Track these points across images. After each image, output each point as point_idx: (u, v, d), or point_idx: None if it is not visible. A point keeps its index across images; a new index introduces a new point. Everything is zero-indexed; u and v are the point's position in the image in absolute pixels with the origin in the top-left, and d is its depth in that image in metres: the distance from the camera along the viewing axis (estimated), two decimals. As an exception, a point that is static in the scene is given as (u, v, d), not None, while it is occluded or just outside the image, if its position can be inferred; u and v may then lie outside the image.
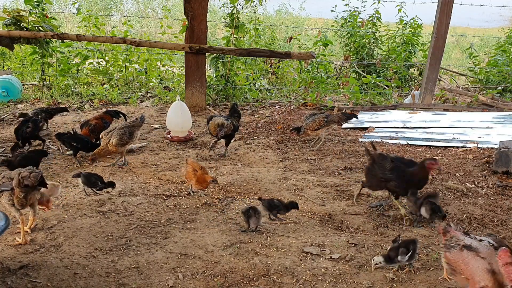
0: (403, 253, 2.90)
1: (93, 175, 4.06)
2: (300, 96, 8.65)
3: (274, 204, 3.61)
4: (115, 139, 4.73)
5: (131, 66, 9.24)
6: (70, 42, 8.52)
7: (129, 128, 4.90)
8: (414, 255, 2.93)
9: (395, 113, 7.39)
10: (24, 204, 3.18)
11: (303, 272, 2.95)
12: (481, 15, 14.19)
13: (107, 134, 4.83)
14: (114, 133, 4.79)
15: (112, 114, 5.85)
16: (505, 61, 9.69)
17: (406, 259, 2.90)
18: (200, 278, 2.88)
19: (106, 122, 5.63)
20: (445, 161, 5.14)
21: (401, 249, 2.92)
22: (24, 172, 3.09)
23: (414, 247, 2.93)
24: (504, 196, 4.24)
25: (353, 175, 4.72)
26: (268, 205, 3.61)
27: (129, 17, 13.26)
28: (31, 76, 9.69)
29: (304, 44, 10.97)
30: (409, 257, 2.91)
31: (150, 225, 3.57)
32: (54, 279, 2.81)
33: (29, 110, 7.22)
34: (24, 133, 5.12)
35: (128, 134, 4.84)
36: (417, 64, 10.46)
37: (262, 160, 5.20)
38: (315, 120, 5.54)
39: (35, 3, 7.90)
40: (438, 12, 7.54)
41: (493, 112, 7.32)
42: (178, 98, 5.97)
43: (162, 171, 4.79)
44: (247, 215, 3.45)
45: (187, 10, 6.98)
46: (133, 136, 4.91)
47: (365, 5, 10.33)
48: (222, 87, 8.34)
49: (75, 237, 3.34)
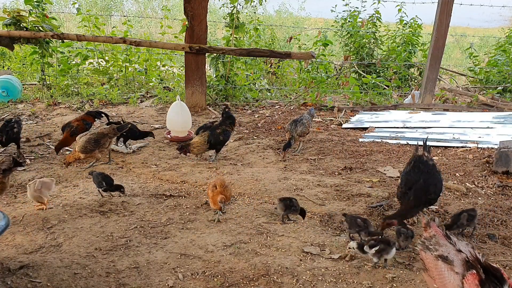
0: (371, 245, 2.93)
1: (100, 174, 4.05)
2: (300, 96, 8.65)
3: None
4: (78, 146, 4.57)
5: (131, 66, 9.24)
6: (70, 42, 8.52)
7: (97, 135, 4.70)
8: (386, 252, 2.94)
9: (395, 113, 7.40)
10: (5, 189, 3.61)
11: (303, 272, 2.95)
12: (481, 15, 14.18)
13: (79, 139, 4.68)
14: (81, 140, 4.62)
15: (93, 115, 5.67)
16: (505, 61, 9.69)
17: (373, 252, 2.92)
18: (200, 278, 2.88)
19: (87, 123, 5.45)
20: (445, 161, 5.14)
21: (370, 242, 2.95)
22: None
23: (386, 246, 2.93)
24: (504, 196, 4.24)
25: (353, 175, 4.72)
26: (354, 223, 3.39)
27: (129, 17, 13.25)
28: (31, 76, 9.69)
29: (304, 44, 10.97)
30: (378, 252, 2.92)
31: (150, 225, 3.57)
32: (54, 279, 2.81)
33: (30, 110, 7.23)
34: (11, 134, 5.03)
35: (93, 142, 4.64)
36: (417, 64, 10.46)
37: (262, 160, 5.20)
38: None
39: (35, 3, 7.90)
40: (438, 12, 7.54)
41: (493, 112, 7.32)
42: (178, 98, 5.97)
43: (162, 171, 4.79)
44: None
45: (187, 10, 6.98)
46: (100, 144, 4.68)
47: (365, 5, 10.34)
48: (222, 87, 8.34)
49: (75, 237, 3.34)
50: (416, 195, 3.37)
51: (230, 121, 5.22)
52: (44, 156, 5.23)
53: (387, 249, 2.93)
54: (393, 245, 2.96)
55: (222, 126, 5.09)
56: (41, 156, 5.23)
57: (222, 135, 5.03)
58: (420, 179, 3.41)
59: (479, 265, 2.17)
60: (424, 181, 3.40)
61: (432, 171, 3.48)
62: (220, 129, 5.05)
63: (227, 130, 5.11)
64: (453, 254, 2.31)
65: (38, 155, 5.23)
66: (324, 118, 7.24)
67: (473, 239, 3.39)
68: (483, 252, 3.20)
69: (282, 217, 3.65)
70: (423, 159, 3.54)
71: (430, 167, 3.49)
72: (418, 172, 3.48)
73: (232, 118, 5.28)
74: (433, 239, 2.44)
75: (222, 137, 5.02)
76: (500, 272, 2.13)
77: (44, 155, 5.26)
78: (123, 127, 4.94)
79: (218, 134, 4.98)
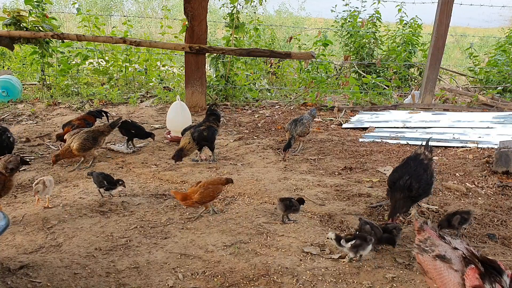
0: (347, 240, 2.98)
1: (101, 174, 4.05)
2: (300, 96, 8.65)
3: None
4: (76, 144, 4.54)
5: (131, 66, 9.25)
6: (70, 42, 8.53)
7: (93, 132, 4.68)
8: (362, 248, 2.97)
9: (395, 113, 7.40)
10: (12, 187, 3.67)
11: (303, 272, 2.95)
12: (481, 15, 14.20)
13: (71, 136, 4.64)
14: (77, 137, 4.58)
15: (95, 115, 5.73)
16: (505, 61, 9.70)
17: (349, 246, 2.96)
18: (200, 278, 2.88)
19: (88, 123, 5.53)
20: (445, 161, 5.15)
21: (347, 236, 2.99)
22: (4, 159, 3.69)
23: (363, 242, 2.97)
24: (504, 196, 4.24)
25: (353, 175, 4.72)
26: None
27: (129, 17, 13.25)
28: (31, 76, 9.69)
29: (304, 44, 10.98)
30: (354, 247, 2.96)
31: (150, 225, 3.57)
32: (54, 279, 2.81)
33: (30, 110, 7.23)
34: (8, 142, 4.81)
35: (92, 139, 4.63)
36: (417, 64, 10.47)
37: (262, 160, 5.20)
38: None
39: (35, 3, 7.91)
40: (438, 12, 7.54)
41: (493, 112, 7.32)
42: (178, 98, 5.97)
43: (162, 171, 4.79)
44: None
45: (187, 10, 6.99)
46: (97, 142, 4.69)
47: (365, 5, 10.35)
48: (222, 87, 8.34)
49: (75, 237, 3.34)
50: (398, 191, 3.41)
51: (213, 117, 5.19)
52: (44, 156, 5.22)
53: (363, 245, 2.97)
54: (369, 242, 2.99)
55: (206, 123, 5.09)
56: (41, 156, 5.23)
57: (206, 131, 4.98)
58: (404, 175, 3.43)
59: (476, 259, 2.19)
60: (408, 178, 3.41)
61: (418, 169, 3.47)
62: (204, 125, 5.04)
63: (211, 126, 5.09)
64: (450, 253, 2.32)
65: (38, 155, 5.23)
66: (324, 118, 7.25)
67: (473, 239, 3.40)
68: (483, 252, 3.20)
69: (282, 217, 3.65)
70: (418, 157, 3.55)
71: (420, 165, 3.49)
72: (405, 169, 3.50)
73: (215, 115, 5.22)
74: (428, 241, 2.45)
75: (206, 132, 4.96)
76: (497, 264, 2.16)
77: (44, 155, 5.26)
78: (115, 123, 5.03)
79: (201, 130, 4.95)
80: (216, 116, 5.23)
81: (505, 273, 2.13)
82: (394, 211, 3.41)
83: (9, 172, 3.62)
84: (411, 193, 3.40)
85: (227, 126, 6.80)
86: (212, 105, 5.54)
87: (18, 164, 3.71)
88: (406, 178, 3.42)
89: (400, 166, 3.63)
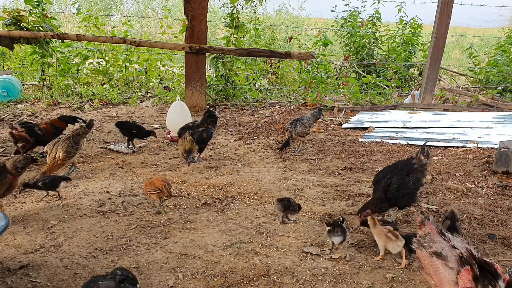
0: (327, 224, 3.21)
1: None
2: (300, 96, 8.65)
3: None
4: (61, 153, 4.45)
5: (131, 66, 9.25)
6: (70, 42, 8.53)
7: (74, 137, 4.61)
8: (333, 235, 3.15)
9: (395, 113, 7.40)
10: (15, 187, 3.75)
11: (303, 272, 2.95)
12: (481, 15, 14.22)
13: (52, 148, 4.51)
14: (60, 146, 4.49)
15: (67, 121, 5.46)
16: (505, 61, 9.71)
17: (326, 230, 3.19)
18: (200, 278, 2.88)
19: (56, 128, 5.26)
20: (445, 161, 5.14)
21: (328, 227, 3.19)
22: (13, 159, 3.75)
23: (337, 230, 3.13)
24: (504, 196, 4.24)
25: (353, 175, 4.72)
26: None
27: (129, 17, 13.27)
28: (31, 76, 9.70)
29: (304, 44, 10.98)
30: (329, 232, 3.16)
31: (150, 225, 3.57)
32: (54, 279, 2.81)
33: (30, 110, 7.23)
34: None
35: (74, 145, 4.56)
36: (417, 64, 10.47)
37: (262, 160, 5.20)
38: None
39: (35, 3, 7.91)
40: (438, 12, 7.54)
41: (493, 112, 7.32)
42: (178, 98, 5.97)
43: (162, 171, 4.79)
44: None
45: (187, 10, 6.99)
46: (79, 145, 4.63)
47: (365, 5, 10.36)
48: (222, 87, 8.34)
49: (75, 237, 3.34)
50: (378, 190, 3.43)
51: (211, 120, 5.20)
52: (44, 156, 5.21)
53: (335, 232, 3.14)
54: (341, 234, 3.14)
55: (204, 125, 5.09)
56: (41, 156, 5.23)
57: (205, 133, 5.00)
58: (386, 176, 3.43)
59: (473, 261, 2.18)
60: (388, 179, 3.41)
61: (402, 172, 3.43)
62: (202, 127, 5.04)
63: (208, 127, 5.10)
64: (447, 250, 2.33)
65: (38, 155, 5.22)
66: (324, 118, 7.24)
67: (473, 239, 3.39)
68: (483, 252, 3.20)
69: (282, 218, 3.65)
70: (410, 161, 3.54)
71: (406, 168, 3.46)
72: (390, 170, 3.51)
73: (214, 117, 5.24)
74: (427, 236, 2.47)
75: (205, 134, 4.99)
76: (494, 268, 2.15)
77: (44, 155, 5.25)
78: (90, 124, 4.93)
79: (201, 132, 4.96)
80: (214, 118, 5.25)
81: (502, 277, 2.12)
82: (364, 207, 3.40)
83: (18, 172, 3.69)
84: (387, 194, 3.38)
85: (227, 126, 6.80)
86: (211, 106, 5.54)
87: (27, 163, 3.78)
88: (387, 178, 3.42)
89: (388, 167, 3.64)
